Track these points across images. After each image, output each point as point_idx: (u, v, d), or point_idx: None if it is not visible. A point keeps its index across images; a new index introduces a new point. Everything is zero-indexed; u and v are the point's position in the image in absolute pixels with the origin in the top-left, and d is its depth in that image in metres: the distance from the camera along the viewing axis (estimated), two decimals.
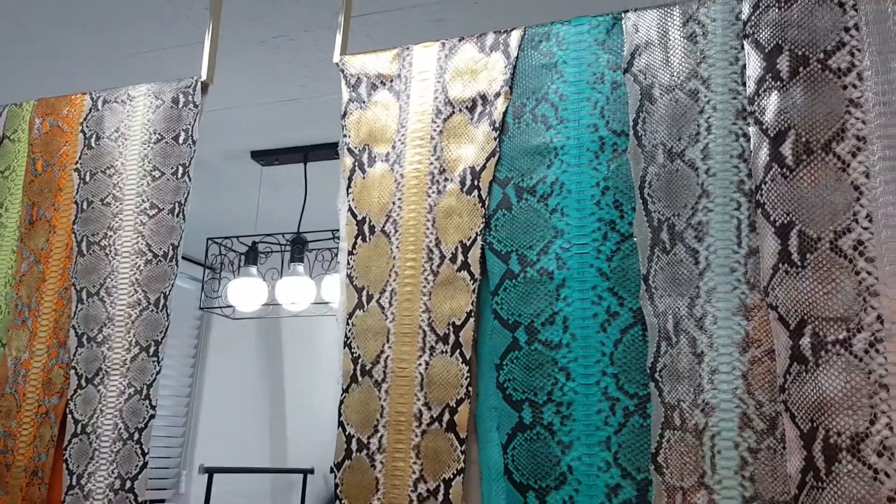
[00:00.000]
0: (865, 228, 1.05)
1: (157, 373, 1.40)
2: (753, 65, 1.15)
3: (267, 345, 4.82)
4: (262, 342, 4.78)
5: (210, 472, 3.83)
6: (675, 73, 1.20)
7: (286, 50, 2.13)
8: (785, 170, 1.09)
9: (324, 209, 2.11)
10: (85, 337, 1.46)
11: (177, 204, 1.49)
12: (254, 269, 2.83)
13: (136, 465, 1.36)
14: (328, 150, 2.77)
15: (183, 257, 4.70)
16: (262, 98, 2.43)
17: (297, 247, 2.74)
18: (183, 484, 4.44)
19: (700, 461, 1.05)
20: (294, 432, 4.93)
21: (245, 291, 2.81)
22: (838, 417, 1.00)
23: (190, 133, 1.52)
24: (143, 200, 1.50)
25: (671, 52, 1.21)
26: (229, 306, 2.93)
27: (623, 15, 1.26)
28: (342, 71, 1.43)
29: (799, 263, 1.06)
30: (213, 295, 3.09)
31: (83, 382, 1.43)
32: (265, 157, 2.82)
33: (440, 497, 1.17)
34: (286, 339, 4.80)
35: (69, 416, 1.42)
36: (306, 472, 4.14)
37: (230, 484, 4.15)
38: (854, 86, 1.11)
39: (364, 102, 1.40)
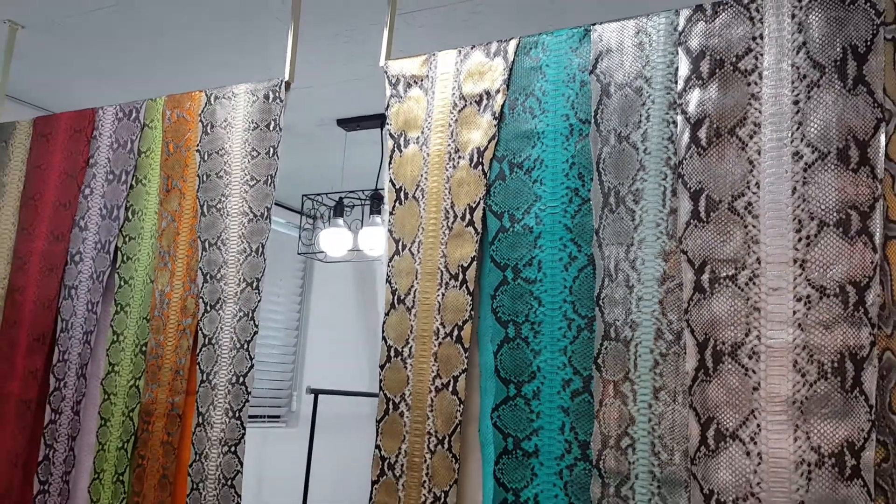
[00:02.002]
0: (754, 193, 1.41)
1: (259, 301, 1.92)
2: (683, 67, 1.50)
3: (362, 284, 5.40)
4: (357, 282, 5.36)
5: (315, 392, 4.40)
6: (626, 74, 1.56)
7: (357, 40, 2.57)
8: (700, 149, 1.46)
9: None
10: (208, 276, 2.00)
11: (269, 177, 1.98)
12: (340, 221, 3.34)
13: (246, 367, 1.90)
14: None
15: (289, 209, 5.24)
16: (342, 76, 2.89)
17: (376, 201, 3.22)
18: (294, 402, 5.11)
19: (626, 362, 1.46)
20: None
21: (333, 239, 3.33)
22: (723, 331, 1.39)
23: (277, 122, 2.00)
24: (245, 174, 2.01)
25: (625, 56, 1.57)
26: (321, 252, 3.47)
27: (592, 27, 1.63)
28: (386, 73, 1.86)
29: (705, 219, 1.43)
30: (309, 242, 3.65)
31: (208, 308, 1.97)
32: (348, 123, 3.28)
33: (450, 389, 1.63)
34: (378, 279, 5.36)
35: (200, 331, 1.97)
36: None
37: (334, 405, 4.75)
38: (755, 83, 1.44)
39: (401, 97, 1.83)
